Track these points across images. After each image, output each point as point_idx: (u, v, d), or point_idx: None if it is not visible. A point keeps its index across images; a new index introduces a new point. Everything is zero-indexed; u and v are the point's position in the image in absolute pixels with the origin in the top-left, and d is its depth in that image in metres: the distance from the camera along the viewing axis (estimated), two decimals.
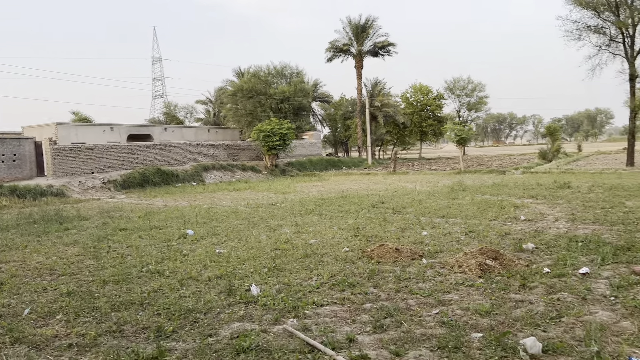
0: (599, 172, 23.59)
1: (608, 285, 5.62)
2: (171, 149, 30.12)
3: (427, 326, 4.69)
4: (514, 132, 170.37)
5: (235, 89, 41.78)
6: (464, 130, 32.95)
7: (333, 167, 39.84)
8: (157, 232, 10.64)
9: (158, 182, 25.29)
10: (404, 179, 26.03)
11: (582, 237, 8.23)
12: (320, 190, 20.06)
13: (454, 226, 10.07)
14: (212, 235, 10.06)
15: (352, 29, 47.40)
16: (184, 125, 54.56)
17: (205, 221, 12.01)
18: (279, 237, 9.48)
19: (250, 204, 15.67)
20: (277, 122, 32.79)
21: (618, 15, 25.38)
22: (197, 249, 8.74)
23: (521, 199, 14.06)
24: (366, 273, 6.62)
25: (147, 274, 7.09)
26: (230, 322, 5.02)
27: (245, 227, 10.85)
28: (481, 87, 71.58)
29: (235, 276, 6.68)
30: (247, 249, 8.49)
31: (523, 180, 20.84)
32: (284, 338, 4.56)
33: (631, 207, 11.51)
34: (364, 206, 13.72)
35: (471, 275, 6.27)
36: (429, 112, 57.10)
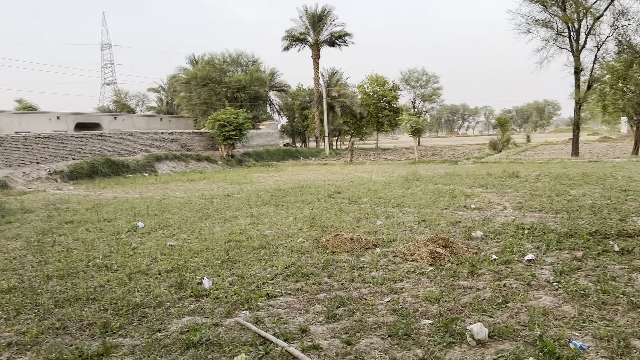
0: (546, 161, 24.59)
1: (552, 271, 5.86)
2: (121, 139, 29.15)
3: (379, 314, 4.75)
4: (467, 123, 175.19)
5: (189, 76, 40.77)
6: (419, 121, 33.53)
7: (290, 157, 39.73)
8: (106, 225, 10.28)
9: (108, 172, 24.44)
10: (360, 169, 26.26)
11: (528, 225, 8.55)
12: (277, 181, 19.96)
13: (407, 215, 10.23)
14: (164, 227, 9.82)
15: (309, 18, 47.20)
16: (136, 114, 52.90)
17: (157, 213, 11.71)
18: (234, 228, 9.36)
19: (205, 195, 15.39)
20: (233, 111, 32.29)
21: (564, 9, 26.40)
22: (147, 242, 8.50)
23: (472, 188, 14.46)
24: (321, 263, 6.63)
25: (94, 268, 6.84)
26: (181, 317, 4.91)
27: (199, 219, 10.65)
28: (435, 79, 72.88)
29: (187, 269, 6.55)
30: (200, 241, 8.34)
31: (474, 170, 21.45)
32: (235, 331, 4.50)
33: (575, 195, 12.05)
34: (320, 196, 13.74)
35: (422, 264, 6.40)
36: (385, 103, 57.81)
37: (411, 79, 72.21)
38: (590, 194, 12.10)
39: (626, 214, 9.23)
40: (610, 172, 17.51)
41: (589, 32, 26.80)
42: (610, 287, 5.12)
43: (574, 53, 27.17)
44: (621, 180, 14.79)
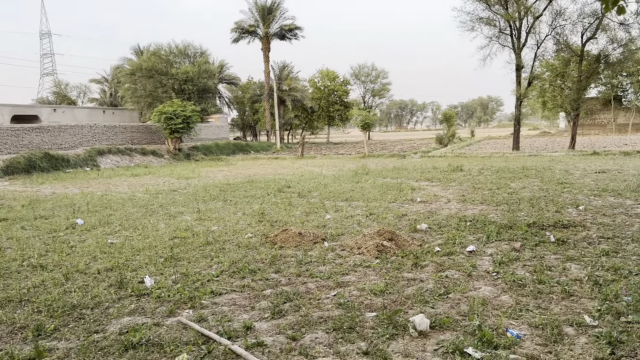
0: (489, 155, 25.50)
1: (491, 261, 6.06)
2: (61, 132, 27.78)
3: (325, 309, 4.74)
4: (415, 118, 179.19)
5: (133, 67, 39.36)
6: (369, 116, 33.94)
7: (241, 151, 39.20)
8: (43, 222, 9.76)
9: (46, 167, 23.24)
10: (311, 163, 26.28)
11: (470, 217, 8.82)
12: (227, 175, 19.65)
13: (356, 209, 10.32)
14: (105, 224, 9.43)
15: (259, 10, 46.60)
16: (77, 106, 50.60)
17: (98, 209, 11.24)
18: (179, 224, 9.11)
19: (150, 190, 14.93)
20: (180, 104, 31.47)
21: (507, 8, 27.41)
22: (86, 239, 8.14)
23: (418, 182, 14.78)
24: (268, 259, 6.56)
25: (29, 268, 6.47)
26: (120, 317, 4.72)
27: (143, 215, 10.30)
28: (384, 74, 74.19)
29: (128, 268, 6.31)
30: (143, 238, 8.06)
31: (421, 163, 21.94)
32: (177, 330, 4.37)
33: (515, 188, 12.56)
34: (270, 191, 13.63)
35: (369, 257, 6.46)
36: (336, 98, 58.12)
37: (361, 73, 73.11)
38: (529, 187, 12.64)
39: (562, 206, 9.70)
40: (549, 165, 18.38)
41: (529, 31, 27.98)
42: (546, 277, 5.35)
43: (516, 51, 28.28)
44: (558, 173, 15.55)
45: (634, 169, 16.04)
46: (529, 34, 28.03)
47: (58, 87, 59.10)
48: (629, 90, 52.72)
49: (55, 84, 63.24)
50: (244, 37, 47.89)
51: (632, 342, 3.76)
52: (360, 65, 72.94)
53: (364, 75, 73.36)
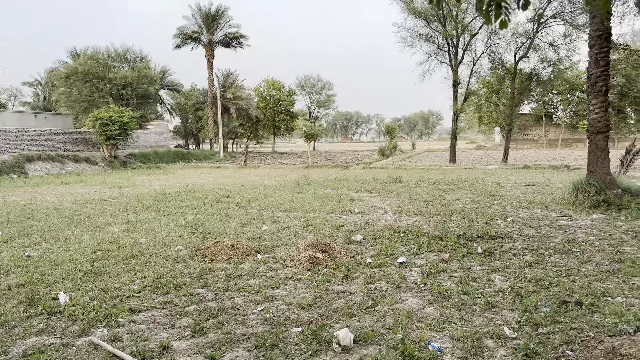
0: (427, 168, 26.21)
1: (420, 273, 6.12)
2: None
3: (250, 325, 4.59)
4: (360, 130, 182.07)
5: (69, 71, 37.53)
6: (313, 127, 34.13)
7: (182, 159, 38.19)
8: None
9: None
10: (254, 172, 25.98)
11: (404, 228, 8.93)
12: (163, 185, 19.01)
13: (294, 220, 10.21)
14: (24, 235, 8.81)
15: (202, 17, 45.89)
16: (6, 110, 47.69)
17: (19, 220, 10.50)
18: (105, 236, 8.65)
19: (79, 199, 14.16)
20: (117, 109, 30.29)
21: (445, 26, 28.43)
22: (1, 252, 7.54)
23: (358, 193, 14.89)
24: (196, 272, 6.32)
25: None
26: (26, 337, 4.36)
27: (67, 226, 9.71)
28: (330, 86, 75.09)
29: (42, 283, 5.87)
30: (63, 251, 7.57)
31: (362, 175, 22.20)
32: (88, 351, 4.08)
33: (449, 199, 12.90)
34: (207, 201, 13.28)
35: (301, 269, 6.36)
36: (281, 107, 58.05)
37: (307, 84, 73.65)
38: (462, 199, 13.03)
39: (492, 217, 10.03)
40: (482, 178, 19.09)
41: (465, 48, 29.15)
42: (471, 288, 5.45)
43: (453, 67, 29.35)
44: (490, 185, 16.16)
45: (561, 182, 16.94)
46: (466, 51, 29.22)
47: None
48: (558, 107, 56.09)
49: None
50: (187, 43, 46.93)
51: (547, 353, 3.86)
52: (306, 76, 73.54)
53: (310, 86, 73.97)
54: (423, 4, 28.13)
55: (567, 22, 26.45)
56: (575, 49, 27.58)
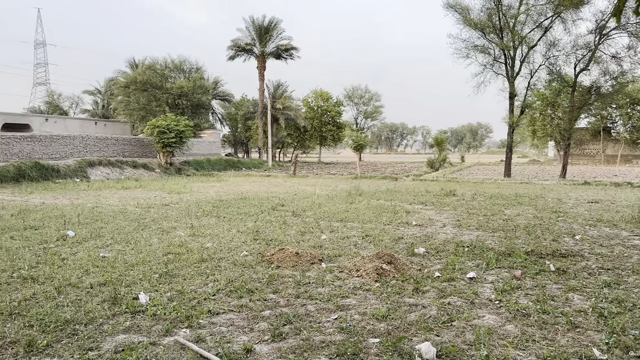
0: (480, 181, 25.63)
1: (493, 289, 5.99)
2: (52, 142, 27.46)
3: (326, 332, 4.62)
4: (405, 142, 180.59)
5: (128, 80, 39.29)
6: (362, 138, 34.15)
7: (232, 167, 39.04)
8: (33, 233, 9.52)
9: (36, 177, 22.89)
10: (303, 182, 26.20)
11: (467, 243, 8.76)
12: (219, 191, 19.48)
13: (351, 230, 10.23)
14: (96, 237, 9.23)
15: (256, 29, 46.98)
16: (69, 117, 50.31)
17: (89, 222, 11.01)
18: (173, 240, 8.94)
19: (141, 203, 14.71)
20: (174, 118, 31.38)
21: (502, 37, 27.87)
22: (78, 252, 7.93)
23: (412, 205, 14.74)
24: (265, 278, 6.43)
25: (19, 280, 6.27)
26: (115, 334, 4.56)
27: (135, 229, 10.11)
28: (377, 97, 74.97)
29: (122, 283, 6.13)
30: (135, 253, 7.88)
31: (413, 187, 21.96)
32: (175, 351, 4.22)
33: (509, 215, 12.56)
34: (263, 209, 13.50)
35: (368, 280, 6.35)
36: (328, 118, 58.42)
37: (354, 95, 73.82)
38: (523, 214, 12.66)
39: (558, 235, 9.70)
40: (541, 193, 18.48)
41: (523, 60, 28.43)
42: (550, 307, 5.28)
43: (509, 79, 28.67)
44: (551, 201, 15.63)
45: (626, 200, 16.18)
46: (523, 63, 28.50)
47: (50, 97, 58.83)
48: (618, 122, 53.65)
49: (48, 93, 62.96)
50: (239, 55, 48.15)
51: None
52: (354, 87, 73.74)
53: (357, 97, 74.09)
54: (479, 15, 27.74)
55: (632, 34, 25.41)
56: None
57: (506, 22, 27.59)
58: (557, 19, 27.26)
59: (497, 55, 28.81)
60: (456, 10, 28.01)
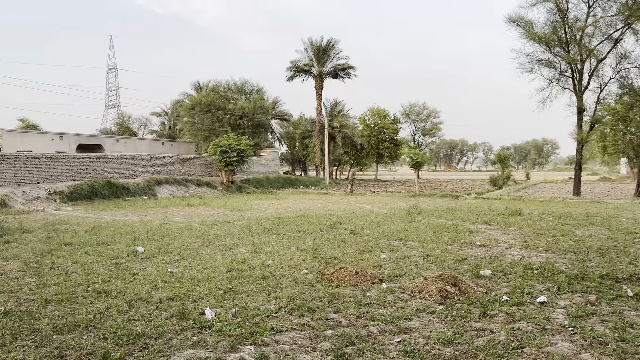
0: (548, 200, 24.50)
1: (566, 315, 5.68)
2: (123, 161, 29.09)
3: (390, 355, 4.55)
4: (465, 158, 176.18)
5: (193, 102, 41.07)
6: (420, 155, 33.66)
7: (290, 185, 39.63)
8: (105, 248, 10.08)
9: (107, 194, 24.27)
10: (361, 200, 26.14)
11: (536, 265, 8.37)
12: (278, 209, 19.80)
13: (411, 250, 10.06)
14: (164, 253, 9.62)
15: (313, 50, 47.88)
16: (138, 137, 53.12)
17: (157, 238, 11.51)
18: (235, 256, 9.17)
19: (205, 220, 15.21)
20: (235, 138, 32.38)
21: (568, 51, 26.77)
22: (147, 267, 8.30)
23: (475, 224, 14.31)
24: (326, 297, 6.44)
25: (93, 293, 6.63)
26: (183, 349, 4.71)
27: (200, 246, 10.46)
28: (436, 114, 73.90)
29: (189, 298, 6.34)
30: (201, 268, 8.14)
31: (476, 205, 21.33)
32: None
33: (580, 236, 11.90)
34: (322, 227, 13.58)
35: (431, 302, 6.21)
36: (385, 135, 58.17)
37: (412, 112, 73.15)
38: (596, 235, 11.96)
39: (635, 257, 9.07)
40: (614, 213, 17.40)
41: (592, 74, 27.14)
42: (629, 335, 4.93)
43: (577, 93, 27.41)
44: (626, 222, 14.67)
45: None
46: (592, 77, 27.20)
47: (121, 118, 62.35)
48: None
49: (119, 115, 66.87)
50: (298, 75, 49.17)
51: None
52: (412, 104, 73.17)
53: (415, 114, 73.36)
54: (543, 28, 26.86)
55: None
56: None
57: (572, 35, 26.53)
58: (628, 31, 25.90)
59: (564, 69, 27.68)
60: (519, 24, 27.28)
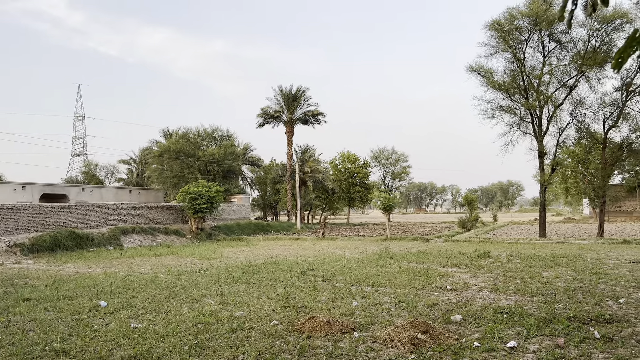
0: (515, 242, 24.93)
1: (535, 359, 5.67)
2: (88, 211, 28.33)
3: None
4: (434, 201, 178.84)
5: (162, 149, 40.82)
6: (390, 199, 34.03)
7: (262, 231, 39.24)
8: (66, 303, 9.64)
9: (71, 246, 23.45)
10: (333, 244, 26.02)
11: (506, 309, 8.41)
12: (248, 256, 19.49)
13: (383, 296, 9.99)
14: (128, 307, 9.26)
15: (284, 98, 48.73)
16: (104, 186, 52.11)
17: (121, 291, 11.10)
18: (203, 309, 8.90)
19: (172, 271, 14.80)
20: (205, 184, 32.11)
21: (527, 97, 28.02)
22: (110, 323, 7.96)
23: (445, 268, 14.38)
24: (296, 350, 6.27)
25: (51, 353, 6.29)
26: None
27: (165, 298, 10.12)
28: (404, 158, 75.38)
29: (152, 355, 6.08)
30: (166, 323, 7.85)
31: (446, 248, 21.51)
32: None
33: (548, 277, 12.08)
34: (293, 274, 13.39)
35: (403, 351, 6.12)
36: (356, 179, 58.83)
37: (381, 157, 74.44)
38: (562, 276, 12.16)
39: (601, 298, 9.23)
40: (579, 253, 17.80)
41: (550, 119, 28.37)
42: None
43: (537, 138, 28.50)
44: (590, 262, 15.00)
45: None
46: (550, 122, 28.42)
47: (87, 167, 61.25)
48: None
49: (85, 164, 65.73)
50: (269, 121, 49.76)
51: None
52: (381, 149, 74.55)
53: (384, 158, 74.67)
54: (502, 77, 28.14)
55: None
56: None
57: (530, 82, 27.87)
58: (581, 78, 27.41)
59: (524, 115, 28.87)
60: (479, 73, 28.53)
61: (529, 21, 26.87)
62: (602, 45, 26.22)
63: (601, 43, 26.24)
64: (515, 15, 27.16)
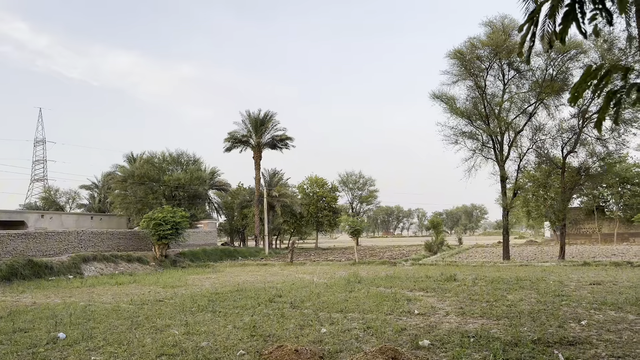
0: (480, 265, 25.33)
1: None
2: (47, 238, 27.29)
3: None
4: (401, 224, 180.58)
5: (125, 174, 39.98)
6: (358, 223, 34.18)
7: (229, 257, 38.54)
8: (22, 336, 9.17)
9: (28, 275, 22.42)
10: (301, 269, 25.80)
11: (473, 332, 8.49)
12: (215, 284, 19.08)
13: (352, 322, 9.93)
14: (88, 338, 8.88)
15: (252, 122, 48.71)
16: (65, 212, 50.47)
17: (81, 322, 10.65)
18: (167, 339, 8.61)
19: (135, 300, 14.33)
20: (170, 209, 31.49)
21: (488, 124, 28.95)
22: (68, 356, 7.61)
23: (413, 292, 14.45)
24: None
25: None
26: None
27: (128, 329, 9.76)
28: (371, 182, 76.28)
29: None
30: (128, 355, 7.56)
31: (413, 272, 21.65)
32: None
33: (512, 300, 12.29)
34: (260, 301, 13.17)
35: None
36: (324, 203, 58.93)
37: (349, 181, 75.12)
38: (526, 299, 12.40)
39: (564, 320, 9.44)
40: (542, 276, 18.22)
41: (511, 145, 29.33)
42: None
43: (499, 163, 29.37)
44: (553, 284, 15.37)
45: (628, 281, 15.96)
46: (511, 148, 29.37)
47: (47, 192, 59.32)
48: (610, 201, 54.23)
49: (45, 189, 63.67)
50: (236, 146, 49.52)
51: None
52: (348, 173, 75.29)
53: (352, 182, 75.34)
54: (465, 103, 29.03)
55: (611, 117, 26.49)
56: (625, 143, 27.27)
57: (491, 109, 28.84)
58: (540, 105, 28.55)
59: (486, 141, 29.77)
60: (442, 100, 29.37)
61: (489, 50, 27.98)
62: (559, 74, 27.49)
63: (558, 72, 27.51)
64: (476, 44, 28.24)
